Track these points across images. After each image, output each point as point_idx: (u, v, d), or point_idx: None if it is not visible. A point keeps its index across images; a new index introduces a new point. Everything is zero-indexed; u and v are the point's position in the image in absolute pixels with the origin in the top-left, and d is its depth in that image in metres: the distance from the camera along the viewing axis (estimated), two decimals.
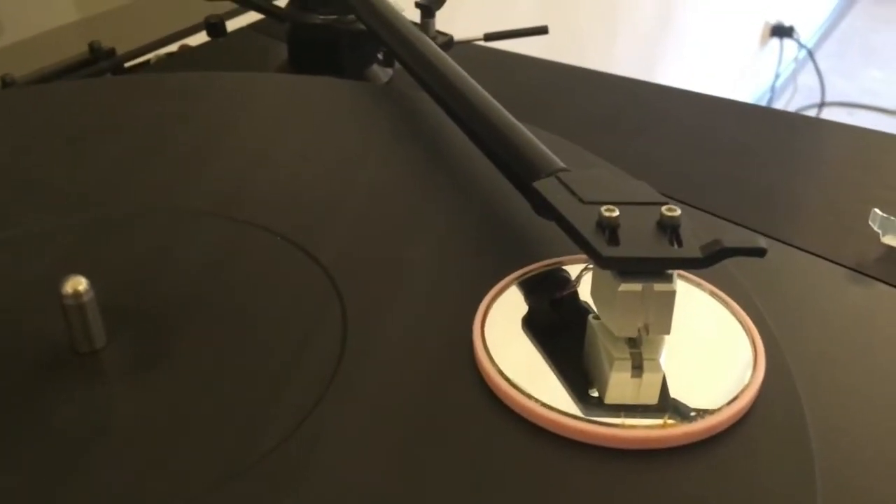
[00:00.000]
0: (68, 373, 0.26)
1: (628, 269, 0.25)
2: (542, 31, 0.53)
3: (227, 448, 0.24)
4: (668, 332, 0.26)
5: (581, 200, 0.27)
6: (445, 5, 0.49)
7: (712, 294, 0.29)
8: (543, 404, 0.25)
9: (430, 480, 0.23)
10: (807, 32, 2.53)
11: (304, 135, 0.40)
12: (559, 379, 0.26)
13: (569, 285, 0.30)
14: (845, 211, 0.42)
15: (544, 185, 0.29)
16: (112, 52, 0.53)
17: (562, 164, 0.30)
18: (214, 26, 0.53)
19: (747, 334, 0.27)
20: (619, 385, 0.26)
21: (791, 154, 0.48)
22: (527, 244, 0.32)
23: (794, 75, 2.51)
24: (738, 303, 0.28)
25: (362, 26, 0.51)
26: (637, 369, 0.26)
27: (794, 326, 0.33)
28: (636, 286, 0.25)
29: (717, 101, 0.53)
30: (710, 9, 1.91)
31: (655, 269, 0.25)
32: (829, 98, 2.34)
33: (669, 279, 0.25)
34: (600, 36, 1.46)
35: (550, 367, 0.27)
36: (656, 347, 0.26)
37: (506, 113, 0.33)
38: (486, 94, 0.35)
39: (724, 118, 0.51)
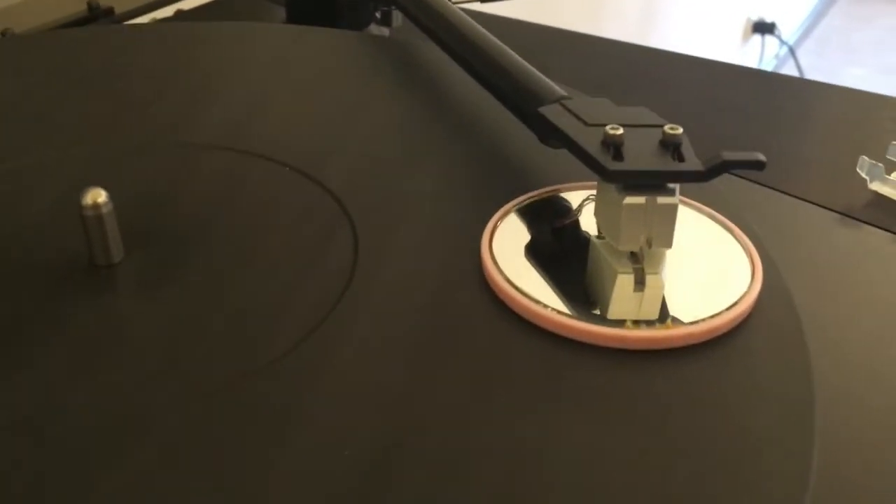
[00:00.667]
0: (87, 284, 0.27)
1: (632, 182, 0.26)
2: None
3: (242, 351, 0.24)
4: (669, 246, 0.27)
5: (585, 123, 0.28)
6: None
7: (710, 217, 0.30)
8: (551, 308, 0.26)
9: (442, 380, 0.24)
10: (788, 29, 2.56)
11: (311, 80, 0.40)
12: (562, 297, 0.27)
13: (570, 214, 0.31)
14: (835, 162, 0.43)
15: (549, 111, 0.30)
16: (110, 10, 0.54)
17: (564, 93, 0.31)
18: None
19: (744, 250, 0.28)
20: (623, 299, 0.27)
21: (782, 112, 0.49)
22: (531, 172, 0.33)
23: (775, 72, 2.54)
24: (735, 224, 0.29)
25: None
26: (640, 284, 0.27)
27: (786, 266, 0.34)
28: (640, 199, 0.26)
29: (709, 64, 0.54)
30: (693, 4, 1.93)
31: (658, 183, 0.26)
32: None
33: (672, 193, 0.26)
34: (585, 32, 1.48)
35: (554, 287, 0.27)
36: (658, 262, 0.27)
37: (508, 49, 0.34)
38: (488, 34, 0.36)
39: (715, 79, 0.53)
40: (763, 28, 2.44)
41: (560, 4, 1.34)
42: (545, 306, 0.26)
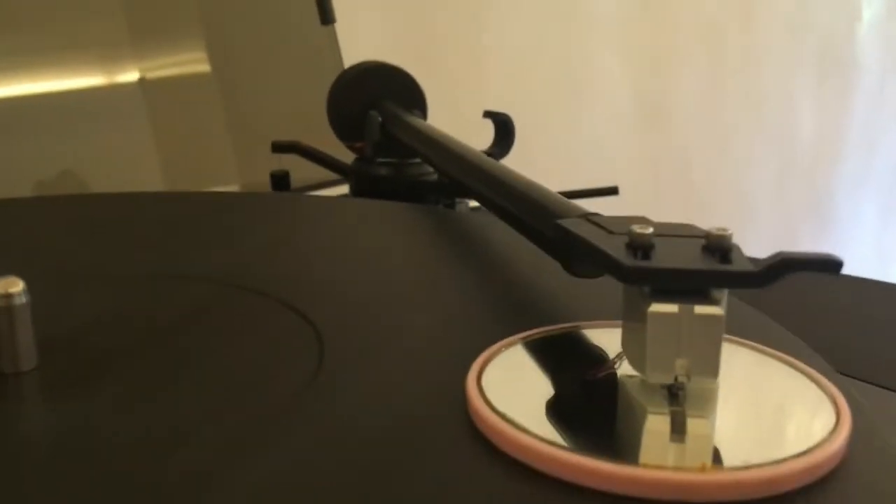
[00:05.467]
0: None
1: (661, 286, 0.20)
2: (612, 191, 0.50)
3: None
4: (714, 375, 0.20)
5: (609, 232, 0.23)
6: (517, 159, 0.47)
7: (784, 362, 0.23)
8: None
9: None
10: None
11: (340, 239, 0.37)
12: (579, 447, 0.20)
13: (606, 365, 0.25)
14: None
15: (569, 222, 0.24)
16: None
17: (595, 212, 0.26)
18: (280, 179, 0.53)
19: (828, 397, 0.21)
20: (655, 448, 0.19)
21: None
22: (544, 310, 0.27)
23: None
24: (820, 373, 0.22)
25: (425, 178, 0.50)
26: (678, 432, 0.20)
27: None
28: (671, 307, 0.20)
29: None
30: None
31: (695, 286, 0.20)
32: None
33: (715, 302, 0.20)
34: None
35: (567, 433, 0.20)
36: (705, 402, 0.20)
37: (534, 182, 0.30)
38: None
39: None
40: None
41: None
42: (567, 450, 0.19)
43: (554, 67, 1.19)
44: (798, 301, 0.40)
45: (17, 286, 0.22)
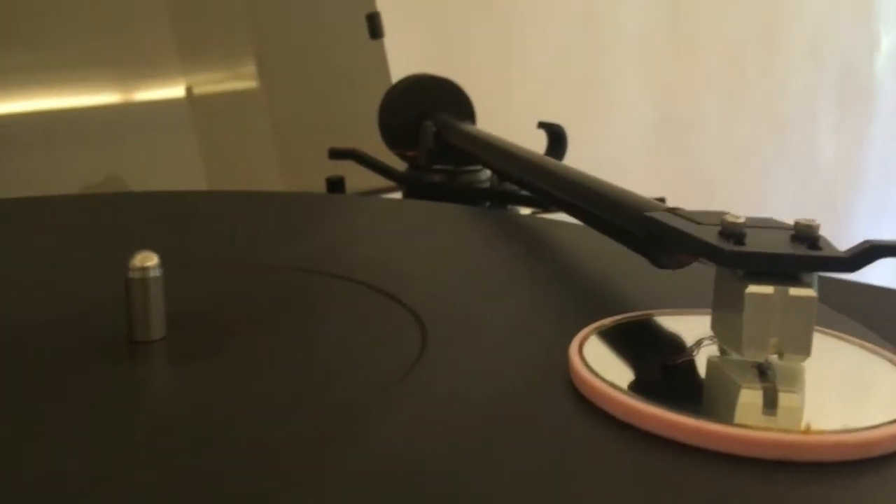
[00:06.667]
0: (115, 360, 0.24)
1: (757, 269, 0.22)
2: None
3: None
4: (807, 353, 0.21)
5: (698, 223, 0.25)
6: None
7: (868, 349, 0.24)
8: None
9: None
10: None
11: (417, 236, 0.38)
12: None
13: (686, 351, 0.26)
14: None
15: (658, 214, 0.26)
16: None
17: (676, 207, 0.27)
18: (335, 184, 0.55)
19: None
20: (749, 421, 0.21)
21: None
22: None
23: None
24: None
25: (477, 185, 0.52)
26: (770, 406, 0.21)
27: None
28: (767, 289, 0.21)
29: None
30: None
31: (789, 270, 0.22)
32: None
33: (808, 285, 0.21)
34: None
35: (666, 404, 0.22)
36: (795, 378, 0.22)
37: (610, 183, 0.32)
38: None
39: None
40: None
41: None
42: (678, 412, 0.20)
43: (577, 87, 1.21)
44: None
45: (152, 260, 0.24)
